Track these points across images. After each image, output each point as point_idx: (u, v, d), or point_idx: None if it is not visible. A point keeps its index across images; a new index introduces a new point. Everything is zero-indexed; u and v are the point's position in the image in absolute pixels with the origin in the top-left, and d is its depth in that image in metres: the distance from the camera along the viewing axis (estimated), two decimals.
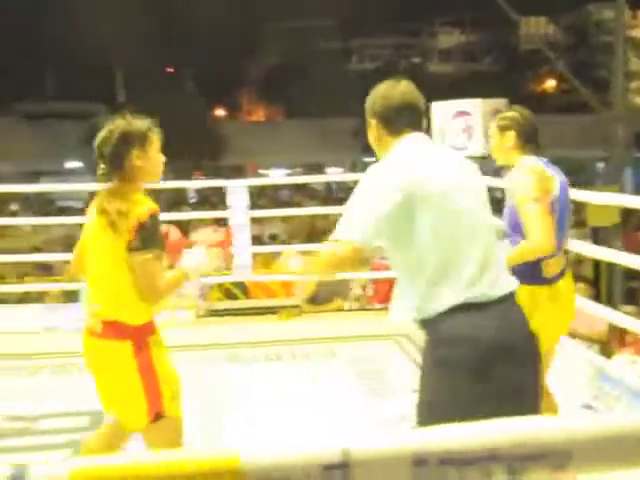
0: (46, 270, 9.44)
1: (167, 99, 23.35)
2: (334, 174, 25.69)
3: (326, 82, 29.96)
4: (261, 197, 14.70)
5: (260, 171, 29.55)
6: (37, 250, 9.85)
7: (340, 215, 2.21)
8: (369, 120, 2.36)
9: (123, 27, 27.75)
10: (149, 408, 2.57)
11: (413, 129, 2.29)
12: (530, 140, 3.11)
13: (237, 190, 5.55)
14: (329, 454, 1.07)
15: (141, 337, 2.57)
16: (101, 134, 2.70)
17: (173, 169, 23.93)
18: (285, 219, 12.16)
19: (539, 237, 2.86)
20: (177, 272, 2.69)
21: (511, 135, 3.11)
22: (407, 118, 2.29)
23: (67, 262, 8.54)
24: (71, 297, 7.39)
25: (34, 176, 22.75)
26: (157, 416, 2.57)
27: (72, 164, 26.38)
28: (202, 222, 11.31)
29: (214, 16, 34.19)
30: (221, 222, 12.08)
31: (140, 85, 24.70)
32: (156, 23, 29.22)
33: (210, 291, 7.51)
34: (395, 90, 2.32)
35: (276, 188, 17.12)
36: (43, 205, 16.72)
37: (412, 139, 2.28)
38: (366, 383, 4.64)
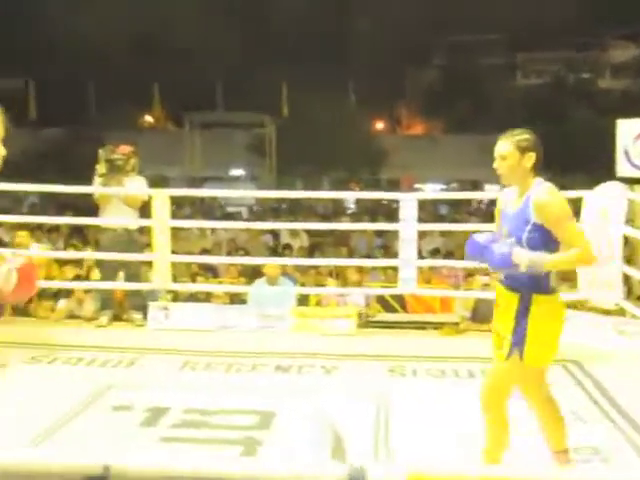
0: (212, 272, 9.89)
1: (329, 112, 23.85)
2: (491, 191, 25.13)
3: (489, 97, 29.47)
4: (420, 211, 14.64)
5: (416, 185, 29.48)
6: (205, 252, 10.34)
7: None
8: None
9: (288, 44, 28.70)
10: None
11: None
12: (541, 164, 3.25)
13: (409, 203, 5.57)
14: None
15: None
16: None
17: (330, 180, 24.43)
18: (444, 234, 12.08)
19: (590, 250, 3.18)
20: None
21: (531, 156, 3.21)
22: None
23: (231, 265, 8.91)
24: (235, 299, 7.72)
25: (200, 182, 23.88)
26: None
27: (236, 171, 27.54)
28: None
29: (375, 31, 34.57)
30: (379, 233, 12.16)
31: (303, 98, 25.35)
32: (319, 39, 29.98)
33: (371, 302, 7.58)
34: None
35: (434, 203, 17.02)
36: (213, 210, 17.53)
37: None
38: None
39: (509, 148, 3.22)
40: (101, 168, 6.43)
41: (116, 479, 0.89)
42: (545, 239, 3.13)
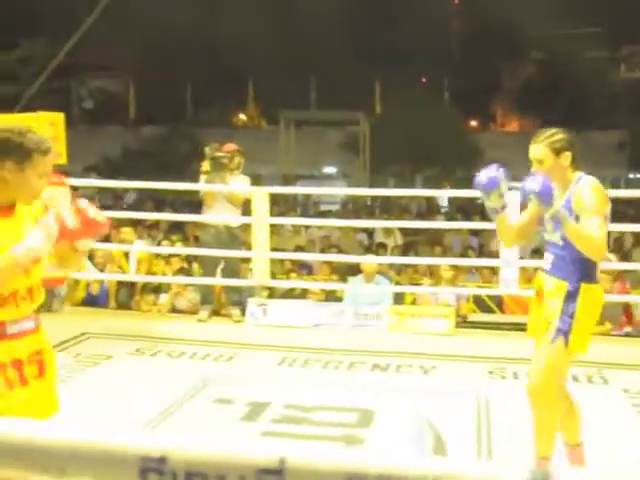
0: (306, 269, 9.96)
1: (423, 109, 23.62)
2: None
3: (590, 92, 28.55)
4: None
5: (512, 184, 28.84)
6: (299, 250, 10.41)
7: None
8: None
9: (382, 42, 28.64)
10: None
11: None
12: (579, 158, 3.26)
13: (510, 201, 5.42)
14: None
15: None
16: None
17: (423, 178, 24.20)
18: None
19: (604, 245, 3.14)
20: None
21: (567, 155, 3.20)
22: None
23: (325, 262, 8.95)
24: (330, 296, 7.75)
25: (293, 179, 24.11)
26: None
27: (329, 169, 27.68)
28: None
29: (470, 27, 34.04)
30: (472, 232, 11.95)
31: (397, 95, 25.22)
32: (413, 36, 29.76)
33: (464, 302, 7.47)
34: None
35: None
36: (306, 207, 17.67)
37: None
38: None
39: (543, 151, 3.20)
40: (205, 165, 6.56)
41: (292, 473, 0.89)
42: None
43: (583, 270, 3.21)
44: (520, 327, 6.54)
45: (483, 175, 3.19)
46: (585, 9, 29.97)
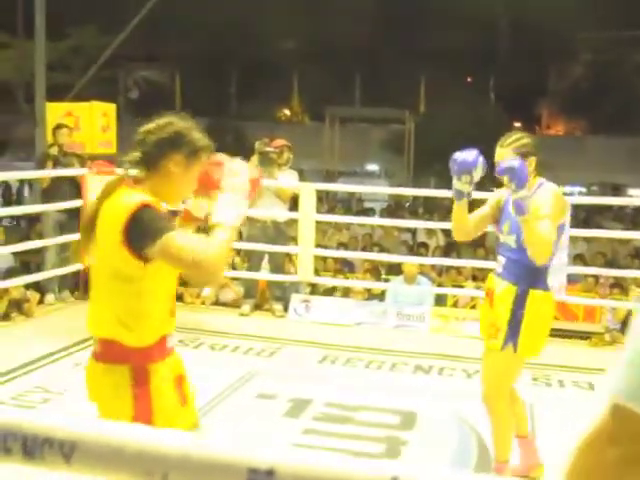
0: (349, 266, 9.94)
1: (468, 109, 23.41)
2: (638, 197, 23.96)
3: (638, 96, 28.02)
4: None
5: None
6: (342, 247, 10.40)
7: None
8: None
9: (425, 41, 28.45)
10: None
11: None
12: (541, 163, 3.31)
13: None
14: None
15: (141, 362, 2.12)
16: (155, 121, 2.26)
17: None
18: (587, 239, 11.60)
19: (550, 246, 3.10)
20: (212, 233, 2.05)
21: (532, 160, 3.25)
22: None
23: (366, 260, 8.93)
24: (371, 294, 7.73)
25: (336, 176, 24.10)
26: None
27: (372, 167, 27.59)
28: None
29: (517, 27, 33.60)
30: None
31: (441, 95, 25.05)
32: (454, 34, 29.52)
33: None
34: None
35: (576, 206, 16.34)
36: (350, 204, 17.65)
37: None
38: None
39: (509, 155, 3.23)
40: (254, 160, 6.58)
41: (282, 477, 0.87)
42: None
43: (533, 276, 3.24)
44: (564, 334, 6.50)
45: (463, 155, 3.22)
46: (634, 11, 29.39)
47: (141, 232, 2.00)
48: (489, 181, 3.50)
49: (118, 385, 2.11)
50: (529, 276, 3.24)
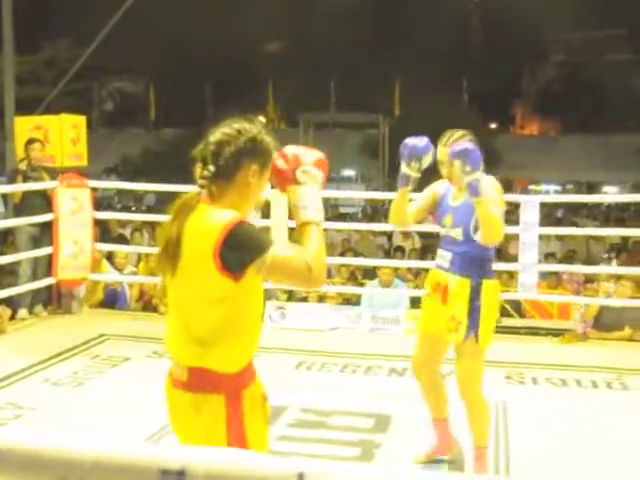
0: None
1: (442, 111, 23.54)
2: (612, 194, 24.23)
3: (610, 96, 28.33)
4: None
5: (530, 187, 28.75)
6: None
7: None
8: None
9: (399, 45, 28.64)
10: None
11: None
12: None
13: (530, 206, 5.42)
14: None
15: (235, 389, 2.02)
16: (225, 130, 2.07)
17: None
18: (560, 237, 11.70)
19: (502, 230, 3.25)
20: (305, 233, 1.95)
21: None
22: None
23: (343, 265, 8.93)
24: (347, 299, 7.74)
25: None
26: None
27: (348, 172, 27.68)
28: None
29: (490, 29, 33.89)
30: None
31: (416, 97, 25.18)
32: (427, 37, 29.72)
33: None
34: None
35: (551, 205, 16.48)
36: (326, 210, 17.63)
37: None
38: None
39: (445, 152, 3.33)
40: None
41: (193, 477, 0.87)
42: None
43: (483, 267, 3.35)
44: (536, 332, 6.56)
45: (414, 140, 3.30)
46: (606, 12, 29.77)
47: (241, 250, 1.90)
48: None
49: (214, 416, 1.98)
50: (479, 268, 3.33)
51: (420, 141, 3.29)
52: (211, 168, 2.00)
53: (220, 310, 1.95)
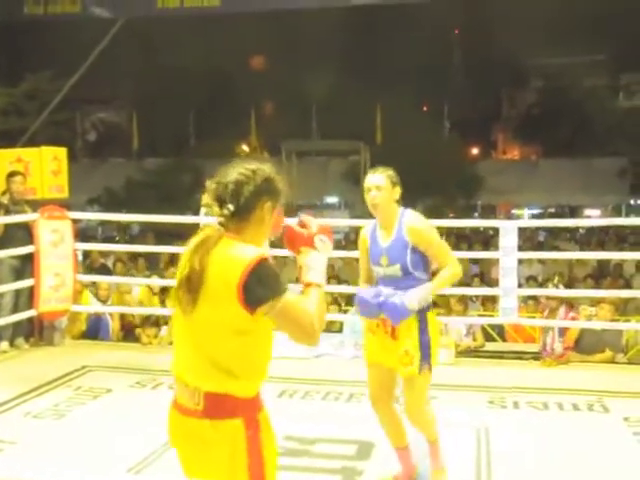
0: None
1: (423, 137, 23.75)
2: (594, 217, 24.45)
3: (590, 120, 28.69)
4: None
5: (513, 211, 28.95)
6: (296, 281, 10.40)
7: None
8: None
9: (380, 72, 28.95)
10: None
11: None
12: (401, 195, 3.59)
13: (509, 230, 5.48)
14: None
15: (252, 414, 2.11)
16: (241, 170, 2.18)
17: (424, 206, 24.26)
18: (542, 261, 11.78)
19: (459, 266, 3.54)
20: (310, 293, 2.10)
21: (398, 190, 3.56)
22: None
23: (326, 293, 8.94)
24: (330, 327, 7.74)
25: (295, 209, 24.19)
26: None
27: (331, 199, 27.75)
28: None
29: (470, 54, 34.36)
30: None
31: (397, 124, 25.38)
32: (409, 64, 30.06)
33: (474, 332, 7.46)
34: None
35: (533, 229, 16.61)
36: None
37: None
38: None
39: (384, 181, 3.53)
40: (206, 198, 6.58)
41: None
42: (424, 259, 3.52)
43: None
44: (520, 355, 6.59)
45: (365, 297, 3.51)
46: (585, 38, 30.27)
47: (261, 287, 2.00)
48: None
49: (234, 440, 2.07)
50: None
51: (371, 301, 3.46)
52: (230, 207, 2.12)
53: (245, 340, 2.06)
